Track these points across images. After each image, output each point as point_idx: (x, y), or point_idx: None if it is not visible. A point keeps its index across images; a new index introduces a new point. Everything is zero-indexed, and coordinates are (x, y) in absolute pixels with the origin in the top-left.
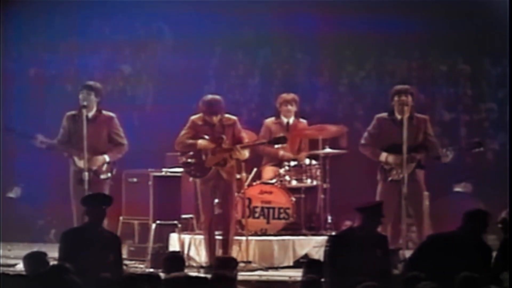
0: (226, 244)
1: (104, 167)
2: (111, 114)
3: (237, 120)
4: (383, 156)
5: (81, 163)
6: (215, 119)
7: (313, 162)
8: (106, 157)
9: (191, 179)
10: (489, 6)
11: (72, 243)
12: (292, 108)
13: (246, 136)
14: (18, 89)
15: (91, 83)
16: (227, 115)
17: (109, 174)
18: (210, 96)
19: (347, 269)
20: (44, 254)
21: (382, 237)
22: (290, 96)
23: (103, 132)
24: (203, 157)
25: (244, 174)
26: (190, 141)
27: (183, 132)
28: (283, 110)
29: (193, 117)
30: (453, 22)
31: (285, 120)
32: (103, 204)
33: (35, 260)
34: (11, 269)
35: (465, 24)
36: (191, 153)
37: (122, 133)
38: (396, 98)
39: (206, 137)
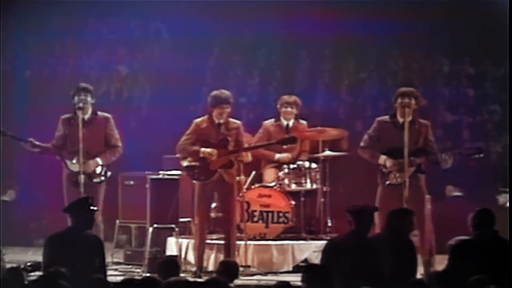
0: (228, 248)
1: (98, 170)
2: (106, 114)
3: (241, 124)
4: (382, 159)
5: (72, 167)
6: (223, 115)
7: (313, 165)
8: (99, 160)
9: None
10: (491, 7)
11: (58, 247)
12: (293, 111)
13: (246, 140)
14: (15, 91)
15: (85, 85)
16: (231, 119)
17: (103, 178)
18: (217, 91)
19: (344, 274)
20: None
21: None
22: (292, 98)
23: (99, 134)
24: (208, 159)
25: (242, 177)
26: (194, 148)
27: (184, 137)
28: (283, 112)
29: (196, 120)
30: (455, 23)
31: (284, 122)
32: (89, 209)
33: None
34: None
35: (467, 25)
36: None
37: (117, 134)
38: (399, 100)
39: (210, 145)
